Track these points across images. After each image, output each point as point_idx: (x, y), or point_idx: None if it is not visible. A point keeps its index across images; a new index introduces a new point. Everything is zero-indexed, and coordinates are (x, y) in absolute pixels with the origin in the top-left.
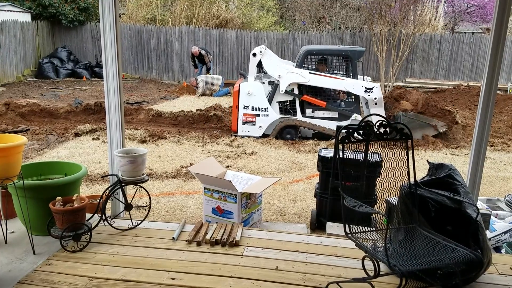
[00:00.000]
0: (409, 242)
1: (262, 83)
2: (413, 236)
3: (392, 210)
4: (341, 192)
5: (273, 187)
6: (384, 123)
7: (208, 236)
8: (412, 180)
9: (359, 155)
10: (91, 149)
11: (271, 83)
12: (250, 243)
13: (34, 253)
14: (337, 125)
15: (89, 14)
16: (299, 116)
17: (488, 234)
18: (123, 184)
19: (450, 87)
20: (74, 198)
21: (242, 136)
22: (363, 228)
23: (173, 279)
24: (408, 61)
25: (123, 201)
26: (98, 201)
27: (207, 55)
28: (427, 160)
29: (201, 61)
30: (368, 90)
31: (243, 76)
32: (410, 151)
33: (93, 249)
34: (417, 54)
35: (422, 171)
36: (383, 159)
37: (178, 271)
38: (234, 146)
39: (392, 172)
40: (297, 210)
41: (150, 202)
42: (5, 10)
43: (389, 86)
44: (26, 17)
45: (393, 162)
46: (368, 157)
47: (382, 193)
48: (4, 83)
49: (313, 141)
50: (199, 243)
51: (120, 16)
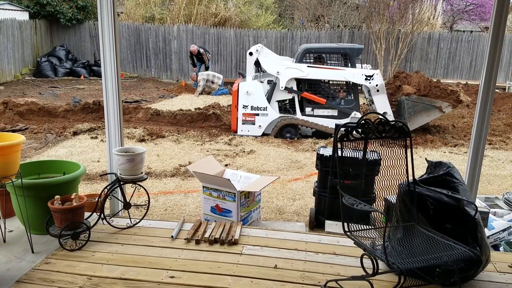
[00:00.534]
0: (408, 240)
1: (261, 82)
2: (412, 234)
3: (390, 208)
4: (340, 190)
5: (271, 186)
6: (382, 121)
7: (207, 235)
8: (411, 178)
9: (357, 153)
10: (90, 148)
11: (270, 82)
12: (248, 241)
13: (33, 252)
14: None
15: (87, 13)
16: (298, 114)
17: (487, 232)
18: (121, 183)
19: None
20: (72, 197)
21: (241, 135)
22: (362, 226)
23: (172, 277)
24: (406, 60)
25: (122, 200)
26: (96, 199)
27: (206, 53)
28: (425, 158)
29: (200, 60)
30: (369, 78)
31: (242, 75)
32: (408, 149)
33: (92, 248)
34: (415, 53)
35: (420, 170)
36: (381, 157)
37: (177, 270)
38: (232, 144)
39: (391, 170)
40: (295, 208)
41: (149, 201)
42: (3, 9)
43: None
44: (24, 16)
45: (391, 161)
46: (366, 156)
47: (381, 191)
48: (2, 82)
49: (311, 139)
50: (198, 242)
51: (118, 14)
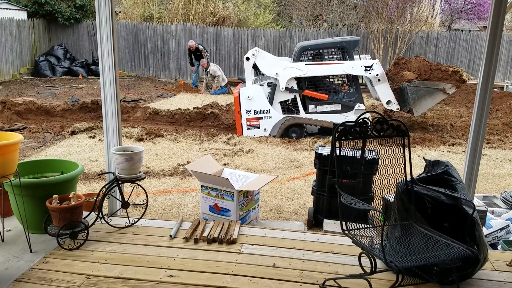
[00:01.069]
0: (406, 239)
1: (261, 85)
2: (410, 233)
3: (388, 207)
4: (338, 189)
5: (270, 185)
6: (380, 120)
7: (205, 234)
8: (409, 177)
9: (356, 152)
10: (88, 147)
11: (270, 84)
12: (247, 240)
13: (31, 251)
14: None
15: (86, 12)
16: (302, 113)
17: (485, 231)
18: (120, 182)
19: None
20: (70, 196)
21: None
22: (360, 225)
23: (170, 276)
24: None
25: (120, 199)
26: (95, 199)
27: (204, 51)
28: (423, 157)
29: (198, 58)
30: (368, 68)
31: (243, 80)
32: (406, 148)
33: (90, 247)
34: (413, 52)
35: (418, 168)
36: (379, 156)
37: (175, 269)
38: (231, 144)
39: (389, 169)
40: (294, 207)
41: (147, 200)
42: (1, 8)
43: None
44: (22, 15)
45: (389, 159)
46: (365, 155)
47: (379, 190)
48: (0, 81)
49: (310, 138)
50: (196, 241)
51: (116, 13)
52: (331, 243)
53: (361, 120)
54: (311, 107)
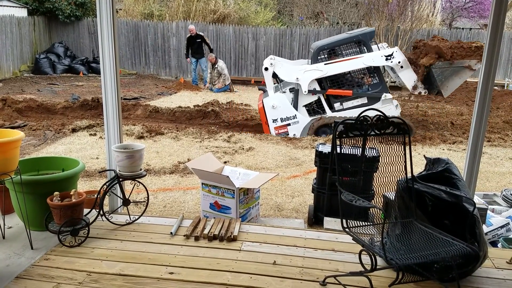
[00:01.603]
0: (406, 236)
1: (283, 92)
2: (410, 230)
3: (389, 205)
4: (339, 187)
5: (270, 183)
6: (381, 118)
7: (206, 231)
8: (409, 175)
9: (356, 150)
10: (89, 144)
11: (292, 90)
12: (247, 238)
13: (32, 248)
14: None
15: (86, 9)
16: (328, 112)
17: (485, 229)
18: (120, 179)
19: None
20: (71, 193)
21: (240, 132)
22: (360, 222)
23: (171, 273)
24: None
25: (121, 196)
26: (95, 196)
27: (207, 39)
28: (424, 155)
29: (198, 47)
30: (389, 57)
31: (263, 90)
32: (407, 146)
33: (91, 244)
34: None
35: (419, 166)
36: (380, 154)
37: (176, 266)
38: (231, 142)
39: (389, 167)
40: (294, 205)
41: (148, 198)
42: (1, 5)
43: (387, 82)
44: (22, 12)
45: (390, 157)
46: (365, 152)
47: (379, 188)
48: (0, 78)
49: (310, 136)
50: (197, 238)
51: (117, 11)
52: (332, 240)
53: (361, 118)
54: (336, 105)
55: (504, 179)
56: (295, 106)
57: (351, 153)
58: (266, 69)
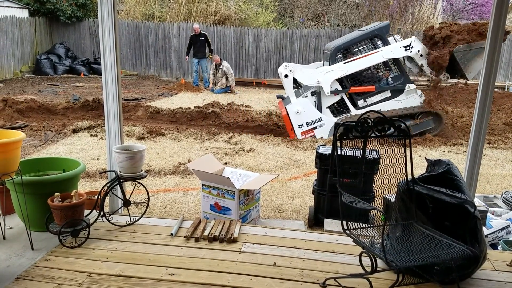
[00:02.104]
0: (406, 239)
1: (305, 97)
2: (410, 233)
3: (389, 207)
4: (339, 188)
5: (271, 184)
6: (382, 119)
7: (206, 232)
8: (410, 176)
9: (357, 152)
10: (89, 145)
11: (313, 93)
12: (248, 239)
13: (33, 249)
14: (335, 122)
15: (87, 10)
16: (353, 110)
17: (485, 231)
18: (121, 180)
19: (448, 84)
20: (72, 194)
21: (241, 134)
22: (361, 224)
23: (171, 274)
24: None
25: (122, 197)
26: (96, 197)
27: (209, 40)
28: (425, 158)
29: (200, 46)
30: (408, 47)
31: (282, 98)
32: (408, 148)
33: (92, 245)
34: None
35: (419, 168)
36: (381, 156)
37: (176, 267)
38: (232, 143)
39: (390, 169)
40: (295, 207)
41: (149, 199)
42: (2, 6)
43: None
44: (23, 13)
45: (391, 159)
46: (366, 154)
47: (380, 190)
48: (1, 79)
49: (311, 138)
50: (197, 239)
51: (118, 12)
52: (332, 242)
53: (362, 120)
54: (360, 102)
55: (505, 182)
56: (319, 109)
57: (352, 154)
58: (286, 76)
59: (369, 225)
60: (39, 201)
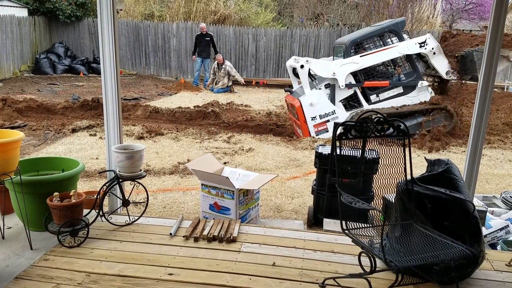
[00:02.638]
0: (406, 239)
1: (319, 89)
2: (410, 233)
3: (388, 207)
4: (338, 188)
5: (270, 184)
6: (381, 120)
7: (205, 232)
8: (409, 177)
9: (356, 152)
10: (89, 145)
11: (327, 86)
12: (247, 239)
13: (32, 249)
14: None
15: (87, 10)
16: (365, 105)
17: (484, 231)
18: (120, 180)
19: (448, 84)
20: (71, 194)
21: (241, 133)
22: (360, 224)
23: (171, 274)
24: None
25: (121, 197)
26: (95, 196)
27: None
28: (424, 157)
29: (206, 45)
30: (423, 44)
31: (290, 92)
32: (407, 148)
33: (91, 245)
34: None
35: (419, 168)
36: (380, 156)
37: (175, 267)
38: (231, 142)
39: (389, 169)
40: (294, 206)
41: (148, 198)
42: (2, 5)
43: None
44: (23, 12)
45: (390, 159)
46: (365, 154)
47: (379, 190)
48: (1, 78)
49: (310, 137)
50: (196, 239)
51: (117, 11)
52: (331, 242)
53: (361, 120)
54: (373, 97)
55: (504, 181)
56: (332, 102)
57: (351, 154)
58: (302, 66)
59: (368, 225)
60: (38, 201)
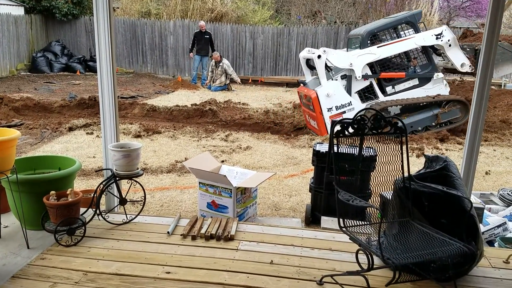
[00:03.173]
0: (403, 236)
1: (336, 80)
2: (407, 230)
3: (386, 204)
4: (336, 186)
5: (268, 182)
6: (378, 117)
7: (203, 231)
8: (406, 174)
9: (353, 149)
10: (85, 143)
11: (343, 77)
12: (245, 237)
13: (28, 248)
14: (332, 119)
15: (83, 8)
16: (381, 97)
17: (482, 228)
18: (117, 179)
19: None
20: (68, 193)
21: (238, 132)
22: (357, 222)
23: (168, 273)
24: None
25: (118, 196)
26: (92, 195)
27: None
28: (423, 153)
29: (204, 44)
30: (439, 36)
31: (303, 83)
32: (404, 145)
33: (88, 244)
34: None
35: (416, 166)
36: (377, 153)
37: (173, 265)
38: (229, 141)
39: (387, 167)
40: (292, 204)
41: (145, 197)
42: None
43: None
44: (19, 11)
45: (387, 157)
46: (362, 152)
47: (377, 187)
48: None
49: (308, 135)
50: (194, 238)
51: (114, 9)
52: (329, 240)
53: (358, 117)
54: (388, 89)
55: (501, 179)
56: (349, 93)
57: (348, 152)
58: (319, 56)
59: (365, 223)
60: (34, 200)
